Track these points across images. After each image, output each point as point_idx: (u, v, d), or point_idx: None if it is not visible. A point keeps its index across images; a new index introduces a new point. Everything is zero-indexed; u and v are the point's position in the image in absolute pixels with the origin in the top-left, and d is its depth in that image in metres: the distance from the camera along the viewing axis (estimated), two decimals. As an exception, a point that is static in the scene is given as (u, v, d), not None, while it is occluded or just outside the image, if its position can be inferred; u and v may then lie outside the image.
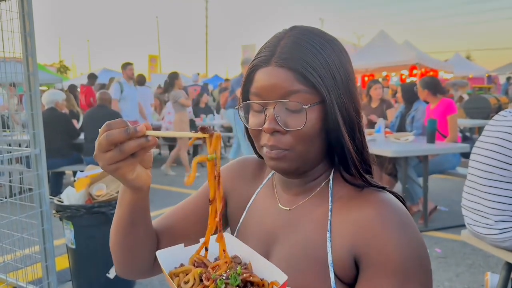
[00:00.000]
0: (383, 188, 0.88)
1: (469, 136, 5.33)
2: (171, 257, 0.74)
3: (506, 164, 2.31)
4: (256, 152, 1.02)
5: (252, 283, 0.67)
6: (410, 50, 12.73)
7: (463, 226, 2.89)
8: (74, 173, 6.53)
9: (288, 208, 0.93)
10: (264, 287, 0.67)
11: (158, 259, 0.73)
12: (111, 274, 3.06)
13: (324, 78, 0.82)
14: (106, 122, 0.76)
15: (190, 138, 0.75)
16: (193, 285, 0.67)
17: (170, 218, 1.04)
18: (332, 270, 0.81)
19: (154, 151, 8.88)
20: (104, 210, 2.93)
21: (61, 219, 3.07)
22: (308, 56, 0.82)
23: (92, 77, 11.07)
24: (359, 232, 0.80)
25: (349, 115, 0.85)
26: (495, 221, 2.37)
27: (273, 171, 1.02)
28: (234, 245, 0.77)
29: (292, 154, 0.84)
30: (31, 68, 2.78)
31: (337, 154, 0.89)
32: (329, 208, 0.87)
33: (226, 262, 0.70)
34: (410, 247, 0.77)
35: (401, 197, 0.89)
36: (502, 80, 19.13)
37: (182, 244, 0.78)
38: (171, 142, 8.78)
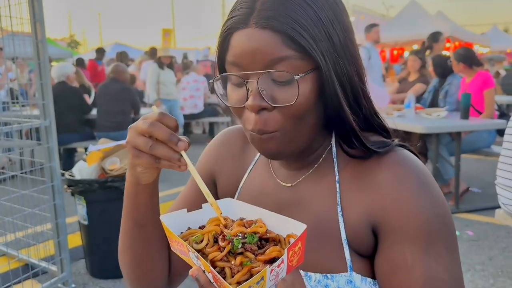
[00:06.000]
0: (392, 145, 0.80)
1: (506, 113, 5.19)
2: (176, 222, 0.70)
3: None
4: None
5: (268, 239, 0.65)
6: (443, 22, 12.42)
7: (496, 208, 2.84)
8: (86, 150, 6.63)
9: (289, 184, 0.87)
10: (281, 242, 0.65)
11: (163, 224, 0.68)
12: (125, 251, 3.11)
13: (318, 40, 0.71)
14: (162, 112, 0.73)
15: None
16: (206, 245, 0.65)
17: None
18: (347, 247, 0.78)
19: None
20: (118, 185, 2.96)
21: (72, 194, 3.12)
22: (297, 12, 0.70)
23: (100, 51, 11.13)
24: (374, 199, 0.77)
25: (350, 82, 0.76)
26: (534, 199, 2.32)
27: None
28: (241, 209, 0.73)
29: (281, 135, 0.75)
30: (39, 35, 2.80)
31: (336, 128, 0.81)
32: (336, 179, 0.82)
33: (239, 224, 0.68)
34: (432, 208, 0.75)
35: (413, 151, 0.83)
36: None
37: (185, 209, 0.73)
38: (187, 120, 8.80)
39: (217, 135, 1.04)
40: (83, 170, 3.06)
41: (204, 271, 0.61)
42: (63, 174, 3.08)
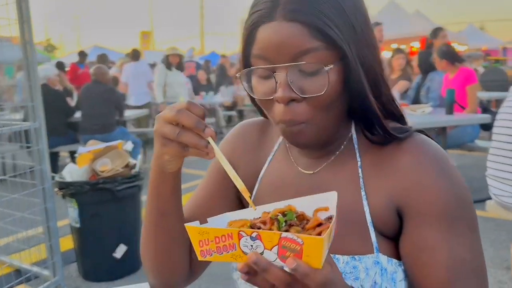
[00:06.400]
0: (411, 130, 0.83)
1: (488, 108, 5.31)
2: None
3: None
4: (264, 115, 0.96)
5: (300, 217, 0.66)
6: (421, 20, 12.65)
7: (483, 201, 2.90)
8: (71, 154, 6.52)
9: (311, 172, 0.88)
10: (309, 221, 0.65)
11: (192, 228, 0.64)
12: (118, 253, 3.08)
13: (343, 30, 0.73)
14: (190, 101, 0.73)
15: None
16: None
17: (188, 212, 0.96)
18: (373, 230, 0.80)
19: (152, 130, 8.84)
20: (110, 187, 2.93)
21: (63, 197, 3.08)
22: (322, 3, 0.72)
23: (82, 55, 11.02)
24: (397, 182, 0.79)
25: (372, 70, 0.78)
26: (525, 190, 2.38)
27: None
28: (251, 212, 0.71)
29: (310, 126, 0.77)
30: (27, 36, 2.76)
31: (358, 115, 0.83)
32: (358, 164, 0.84)
33: (265, 213, 0.68)
34: (452, 190, 0.78)
35: (430, 136, 0.86)
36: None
37: (198, 221, 0.68)
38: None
39: (233, 129, 1.05)
40: (74, 172, 3.02)
41: (262, 252, 0.59)
42: (53, 177, 3.04)
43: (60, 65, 10.16)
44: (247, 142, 1.00)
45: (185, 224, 0.65)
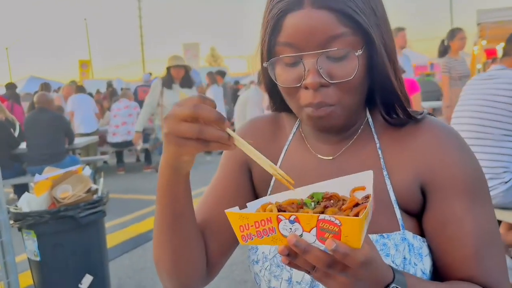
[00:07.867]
0: (425, 113, 0.87)
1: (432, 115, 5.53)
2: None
3: (494, 122, 2.43)
4: (276, 109, 0.98)
5: (335, 198, 0.67)
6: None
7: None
8: (15, 189, 6.13)
9: (330, 157, 0.89)
10: (345, 200, 0.66)
11: (232, 213, 0.63)
12: (84, 284, 2.88)
13: (368, 15, 0.76)
14: (201, 95, 0.69)
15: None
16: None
17: (203, 211, 0.94)
18: (397, 207, 0.81)
19: (102, 157, 8.53)
20: (72, 214, 2.74)
21: (19, 229, 2.85)
22: None
23: (10, 87, 10.50)
24: (420, 160, 0.82)
25: (392, 53, 0.81)
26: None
27: (296, 125, 0.96)
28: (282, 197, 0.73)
29: (340, 109, 0.78)
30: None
31: (380, 97, 0.84)
32: (377, 146, 0.86)
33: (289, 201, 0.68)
34: (472, 165, 0.82)
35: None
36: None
37: (237, 207, 0.67)
38: (120, 148, 8.51)
39: (243, 126, 1.02)
40: (32, 201, 2.81)
41: (301, 235, 0.58)
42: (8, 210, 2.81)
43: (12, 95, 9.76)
44: (259, 137, 0.98)
45: (226, 210, 0.63)
